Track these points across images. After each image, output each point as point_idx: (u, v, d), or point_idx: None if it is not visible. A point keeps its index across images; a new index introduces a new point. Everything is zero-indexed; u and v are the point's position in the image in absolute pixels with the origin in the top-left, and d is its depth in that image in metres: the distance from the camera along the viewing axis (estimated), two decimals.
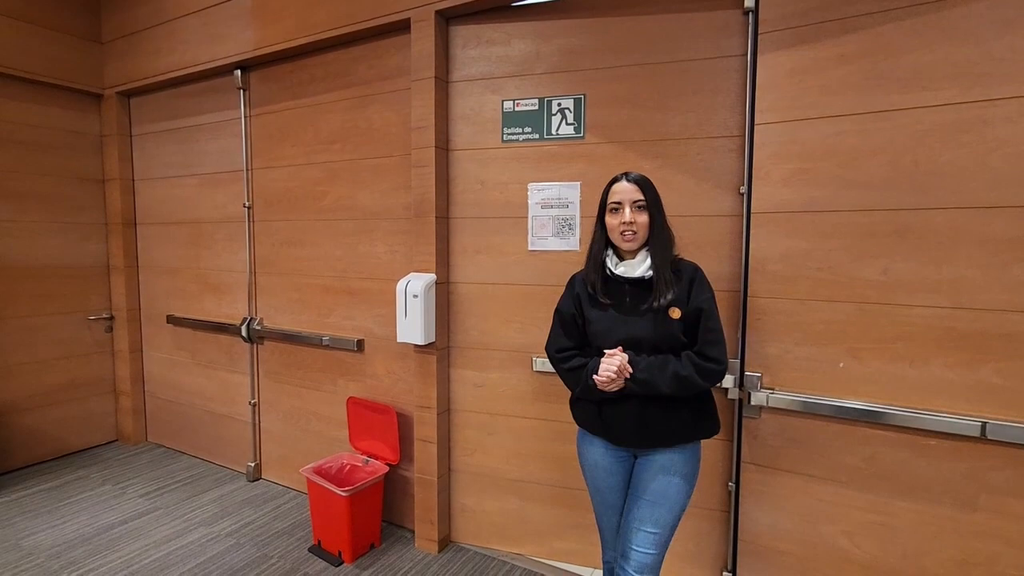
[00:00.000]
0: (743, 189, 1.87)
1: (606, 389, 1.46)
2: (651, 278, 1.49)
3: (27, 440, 3.25)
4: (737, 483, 1.94)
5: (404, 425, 2.50)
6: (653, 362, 1.45)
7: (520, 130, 2.21)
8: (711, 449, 1.99)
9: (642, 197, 1.50)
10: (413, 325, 2.23)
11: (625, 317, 1.51)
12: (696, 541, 2.06)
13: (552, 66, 2.15)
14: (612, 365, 1.43)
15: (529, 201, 2.21)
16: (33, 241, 3.24)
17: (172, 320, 3.40)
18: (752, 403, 1.84)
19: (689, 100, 1.95)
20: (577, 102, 2.12)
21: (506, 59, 2.21)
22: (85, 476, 3.15)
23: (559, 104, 2.15)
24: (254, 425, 3.10)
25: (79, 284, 3.47)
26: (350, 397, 2.63)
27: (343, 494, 2.22)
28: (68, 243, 3.41)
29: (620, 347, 1.47)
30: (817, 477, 1.81)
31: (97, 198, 3.54)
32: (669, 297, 1.46)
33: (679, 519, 1.52)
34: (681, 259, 1.56)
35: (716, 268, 1.93)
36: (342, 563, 2.30)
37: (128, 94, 3.47)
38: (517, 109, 2.21)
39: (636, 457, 1.58)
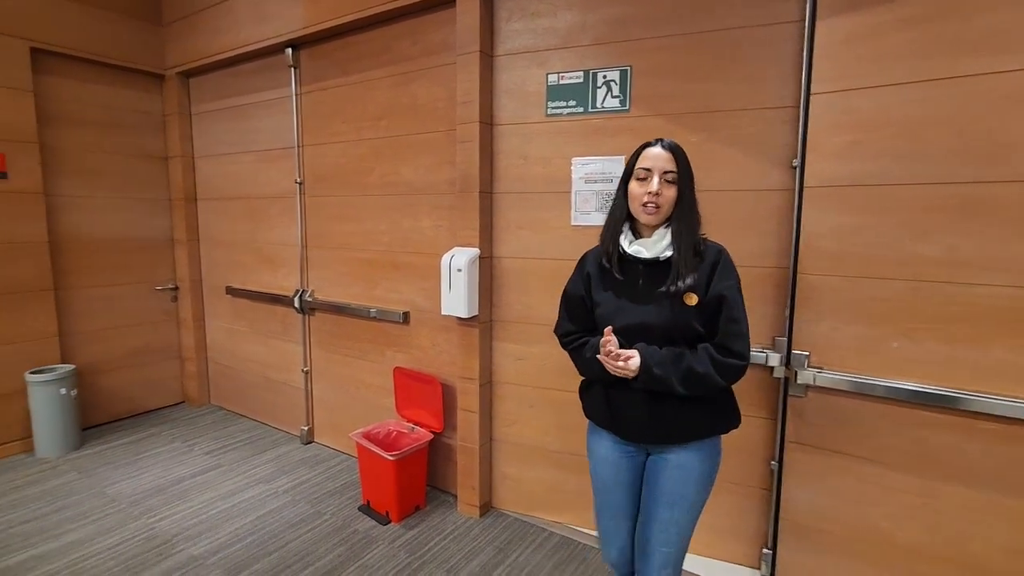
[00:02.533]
0: (796, 162, 1.81)
1: (617, 374, 1.31)
2: (668, 259, 1.33)
3: (106, 399, 3.54)
4: (780, 462, 1.92)
5: (448, 395, 2.58)
6: (666, 355, 1.29)
7: (564, 103, 2.20)
8: (753, 427, 1.98)
9: (674, 169, 1.32)
10: (457, 298, 2.29)
11: (636, 301, 1.36)
12: (736, 517, 2.07)
13: (598, 37, 2.11)
14: (622, 367, 1.28)
15: (572, 176, 2.21)
16: (106, 216, 3.48)
17: (231, 291, 3.60)
18: (799, 382, 1.81)
19: (740, 70, 1.89)
20: (623, 74, 2.08)
21: (551, 31, 2.19)
22: (157, 434, 3.42)
23: (604, 76, 2.12)
24: (307, 391, 3.27)
25: (147, 256, 3.70)
26: (396, 367, 2.73)
27: (390, 458, 2.34)
28: (136, 217, 3.63)
29: (608, 328, 1.31)
30: (863, 458, 1.77)
31: (161, 175, 3.75)
32: (688, 282, 1.30)
33: (698, 517, 1.43)
34: (706, 239, 1.39)
35: (764, 244, 1.89)
36: (389, 522, 2.43)
37: (188, 74, 3.62)
38: (562, 82, 2.19)
39: (648, 454, 1.45)
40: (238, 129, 3.43)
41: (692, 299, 1.31)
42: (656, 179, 1.32)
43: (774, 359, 1.88)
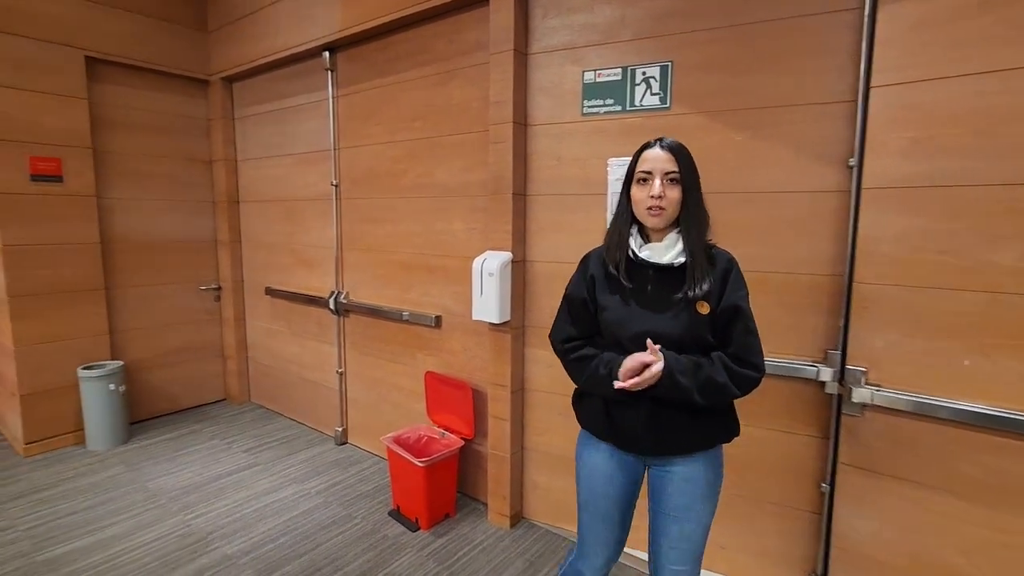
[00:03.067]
0: (852, 161, 1.67)
1: (629, 390, 1.23)
2: (681, 265, 1.28)
3: (151, 395, 3.67)
4: (832, 484, 1.78)
5: (479, 401, 2.53)
6: (689, 364, 1.23)
7: (601, 102, 2.11)
8: (801, 446, 1.85)
9: (676, 169, 1.26)
10: (488, 303, 2.24)
11: (646, 308, 1.29)
12: (782, 540, 1.93)
13: (638, 32, 2.01)
14: (648, 374, 1.20)
15: (608, 177, 2.12)
16: (153, 217, 3.59)
17: (269, 292, 3.66)
18: (854, 399, 1.67)
19: (790, 63, 1.76)
20: (663, 70, 1.98)
21: (589, 27, 2.10)
22: (198, 430, 3.51)
23: (644, 73, 2.02)
24: (341, 393, 3.29)
25: (191, 257, 3.81)
26: (428, 371, 2.70)
27: (420, 464, 2.30)
28: (182, 219, 3.74)
29: (658, 346, 1.23)
30: (927, 485, 1.62)
31: (205, 177, 3.85)
32: (705, 288, 1.25)
33: (708, 529, 1.37)
34: (715, 246, 1.33)
35: (816, 250, 1.75)
36: (418, 529, 2.40)
37: (231, 79, 3.71)
38: (599, 80, 2.11)
39: (648, 467, 1.40)
40: (278, 132, 3.49)
41: (705, 308, 1.27)
42: (658, 181, 1.26)
43: (826, 374, 1.74)
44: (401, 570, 2.13)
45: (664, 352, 1.23)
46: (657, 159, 1.28)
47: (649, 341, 1.23)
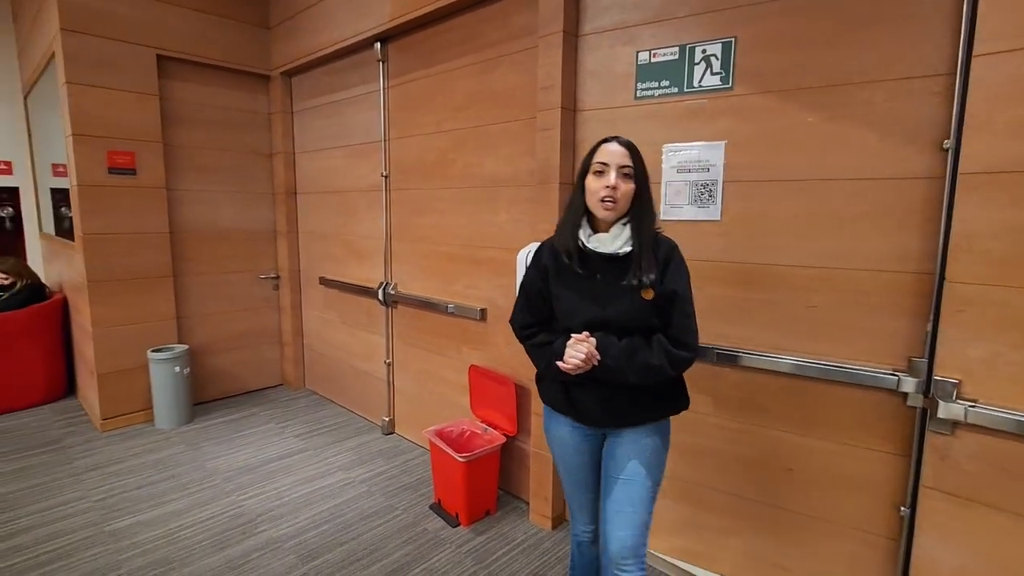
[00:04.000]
0: (948, 143, 1.45)
1: (571, 374, 1.35)
2: (627, 254, 1.36)
3: (214, 378, 3.84)
4: (913, 509, 1.58)
5: (522, 397, 2.46)
6: (623, 348, 1.34)
7: (656, 84, 1.97)
8: (877, 463, 1.65)
9: (630, 164, 1.36)
10: None
11: (595, 295, 1.39)
12: (853, 567, 1.74)
13: (696, 6, 1.85)
14: (579, 353, 1.32)
15: (663, 165, 1.97)
16: (217, 209, 3.75)
17: (323, 281, 3.74)
18: (941, 416, 1.46)
19: (874, 32, 1.55)
20: (726, 47, 1.81)
21: (643, 4, 1.96)
22: (255, 414, 3.65)
23: (704, 51, 1.86)
24: (388, 383, 3.32)
25: (252, 247, 3.96)
26: (472, 365, 2.65)
27: (461, 460, 2.26)
28: (244, 210, 3.89)
29: (587, 332, 1.36)
30: None
31: (266, 170, 3.98)
32: (652, 277, 1.34)
33: (654, 496, 1.45)
34: (659, 233, 1.42)
35: (900, 244, 1.55)
36: (458, 525, 2.36)
37: (290, 73, 3.80)
38: (654, 60, 1.96)
39: (605, 436, 1.51)
40: (332, 125, 3.54)
41: (649, 294, 1.36)
42: (613, 173, 1.34)
43: (908, 384, 1.54)
44: (439, 566, 2.10)
45: (598, 337, 1.35)
46: (614, 153, 1.36)
47: (585, 333, 1.35)
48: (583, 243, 1.40)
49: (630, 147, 1.38)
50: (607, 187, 1.34)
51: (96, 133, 3.13)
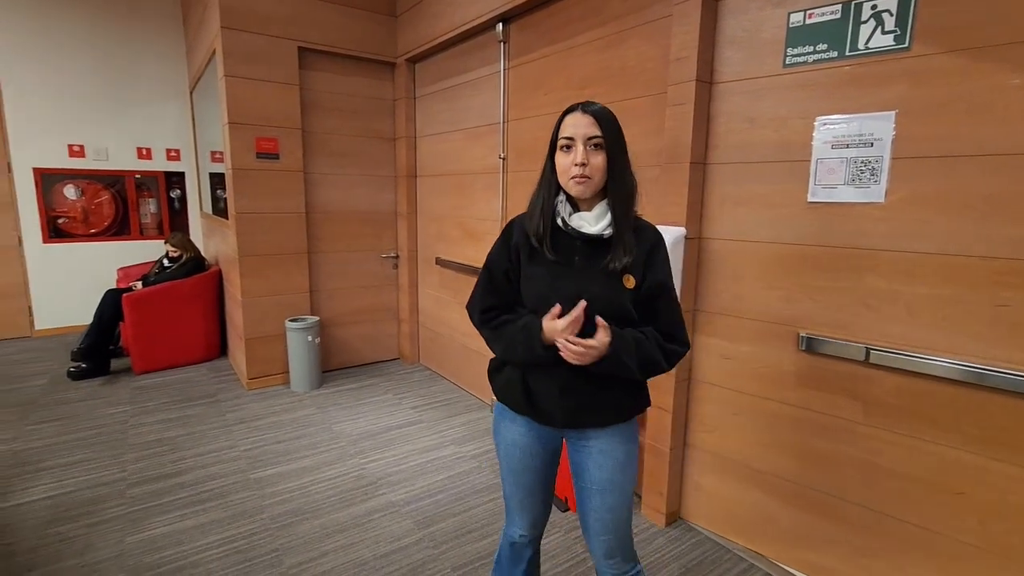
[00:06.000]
0: None
1: (573, 361, 1.17)
2: (611, 236, 1.22)
3: (339, 349, 4.15)
4: None
5: None
6: (631, 343, 1.19)
7: (811, 48, 1.75)
8: None
9: (599, 133, 1.19)
10: None
11: (572, 278, 1.24)
12: None
13: None
14: (596, 350, 1.15)
15: (814, 140, 1.77)
16: (347, 191, 4.01)
17: (439, 262, 3.87)
18: None
19: None
20: (903, 0, 1.56)
21: None
22: (374, 384, 3.89)
23: (874, 6, 1.62)
24: None
25: (376, 227, 4.19)
26: None
27: None
28: (370, 193, 4.12)
29: (583, 302, 1.18)
30: None
31: (389, 154, 4.18)
32: (626, 260, 1.21)
33: (632, 496, 1.36)
34: (640, 219, 1.29)
35: None
36: (567, 510, 2.34)
37: (414, 59, 3.93)
38: (809, 21, 1.75)
39: (564, 438, 1.38)
40: (451, 108, 3.62)
41: (631, 282, 1.24)
42: (581, 147, 1.20)
43: None
44: (548, 548, 2.09)
45: (613, 329, 1.19)
46: (578, 124, 1.21)
47: (582, 304, 1.18)
48: (564, 221, 1.26)
49: (598, 114, 1.21)
50: (576, 164, 1.20)
51: (247, 121, 3.46)
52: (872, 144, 1.65)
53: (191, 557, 2.02)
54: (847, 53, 1.68)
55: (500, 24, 3.01)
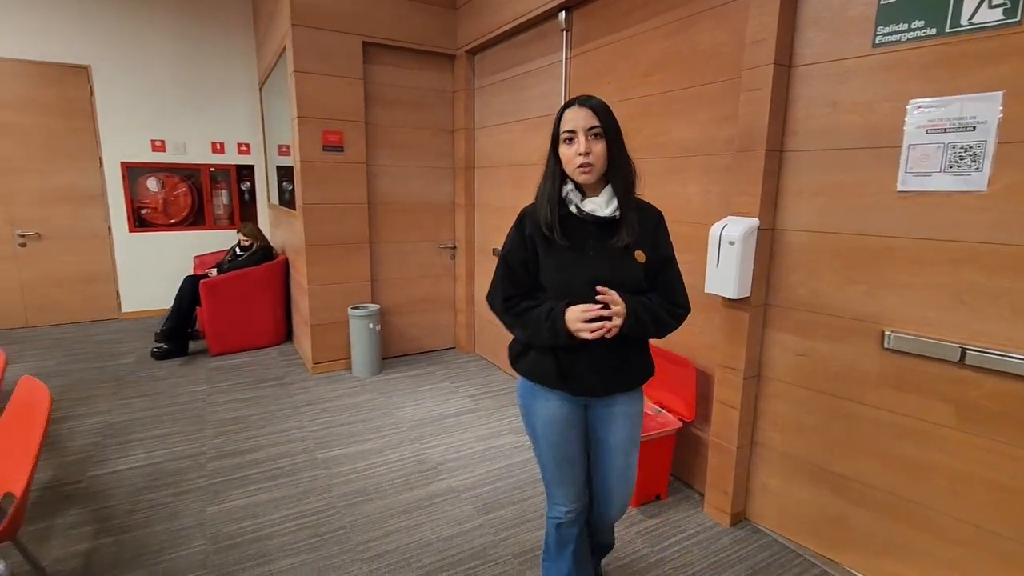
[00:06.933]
0: None
1: (594, 336, 1.28)
2: (618, 218, 1.36)
3: (398, 336, 4.26)
4: None
5: (702, 382, 2.31)
6: (642, 304, 1.35)
7: (906, 25, 1.64)
8: None
9: (597, 123, 1.31)
10: (725, 275, 1.98)
11: (588, 259, 1.37)
12: None
13: None
14: (615, 321, 1.29)
15: (907, 125, 1.65)
16: (406, 182, 4.09)
17: (495, 252, 3.89)
18: None
19: None
20: None
21: None
22: (432, 372, 3.97)
23: None
24: None
25: (434, 218, 4.26)
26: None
27: None
28: (428, 184, 4.19)
29: (610, 290, 1.31)
30: None
31: (448, 146, 4.23)
32: (632, 238, 1.36)
33: None
34: (641, 200, 1.44)
35: None
36: None
37: (473, 51, 3.95)
38: None
39: (587, 407, 1.50)
40: (511, 99, 3.61)
41: (642, 257, 1.38)
42: (583, 138, 1.32)
43: None
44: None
45: (621, 294, 1.31)
46: (578, 117, 1.32)
47: (600, 289, 1.30)
48: (577, 207, 1.36)
49: (595, 107, 1.33)
50: (579, 153, 1.31)
51: (314, 115, 3.58)
52: (974, 128, 1.52)
53: (266, 529, 2.13)
54: (947, 30, 1.56)
55: (563, 12, 2.97)
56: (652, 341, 2.53)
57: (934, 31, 1.59)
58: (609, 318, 1.29)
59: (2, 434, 1.72)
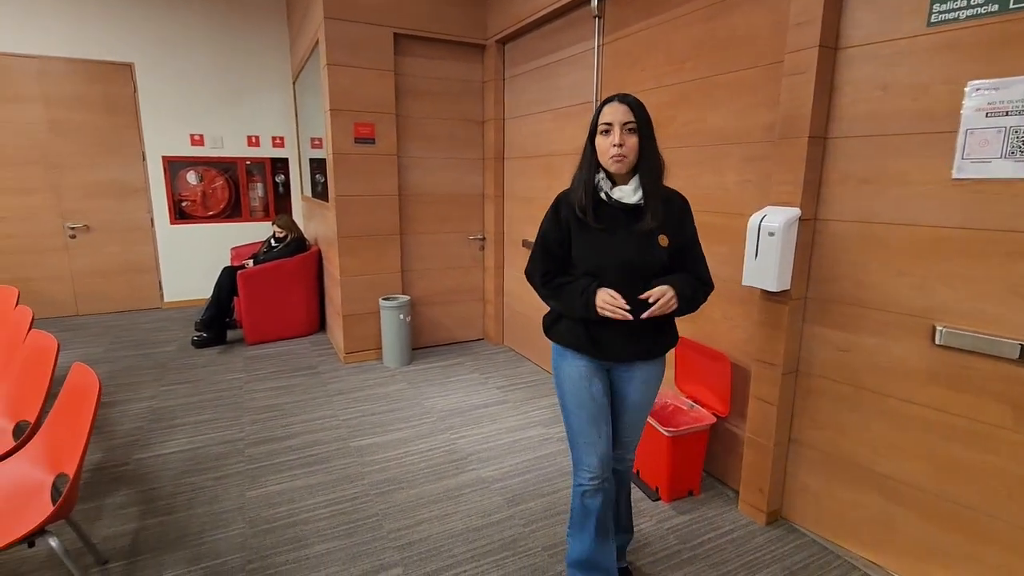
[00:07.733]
0: None
1: (615, 316, 1.43)
2: (644, 204, 1.48)
3: (428, 327, 4.30)
4: None
5: (737, 377, 2.25)
6: (683, 285, 1.49)
7: (964, 3, 1.54)
8: None
9: (632, 119, 1.44)
10: (765, 267, 1.92)
11: (617, 243, 1.50)
12: None
13: None
14: (662, 305, 1.43)
15: (964, 108, 1.56)
16: (436, 174, 4.10)
17: (525, 244, 3.87)
18: None
19: None
20: None
21: None
22: (461, 363, 3.99)
23: None
24: None
25: (463, 209, 4.26)
26: (681, 337, 2.50)
27: (667, 434, 2.17)
28: (457, 175, 4.19)
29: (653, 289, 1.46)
30: None
31: (477, 137, 4.21)
32: (655, 224, 1.47)
33: None
34: (667, 188, 1.55)
35: None
36: (658, 499, 2.29)
37: (503, 41, 3.91)
38: None
39: (609, 370, 1.62)
40: (541, 88, 3.57)
41: (665, 240, 1.51)
42: (618, 131, 1.44)
43: None
44: (640, 536, 2.06)
45: (667, 280, 1.47)
46: (616, 112, 1.45)
47: (646, 294, 1.44)
48: (607, 194, 1.49)
49: (632, 104, 1.45)
50: (614, 145, 1.43)
51: (347, 108, 3.62)
52: None
53: (302, 515, 2.18)
54: (1012, 6, 1.46)
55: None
56: (686, 335, 2.49)
57: (996, 7, 1.49)
58: (628, 310, 1.41)
59: (57, 418, 1.80)
